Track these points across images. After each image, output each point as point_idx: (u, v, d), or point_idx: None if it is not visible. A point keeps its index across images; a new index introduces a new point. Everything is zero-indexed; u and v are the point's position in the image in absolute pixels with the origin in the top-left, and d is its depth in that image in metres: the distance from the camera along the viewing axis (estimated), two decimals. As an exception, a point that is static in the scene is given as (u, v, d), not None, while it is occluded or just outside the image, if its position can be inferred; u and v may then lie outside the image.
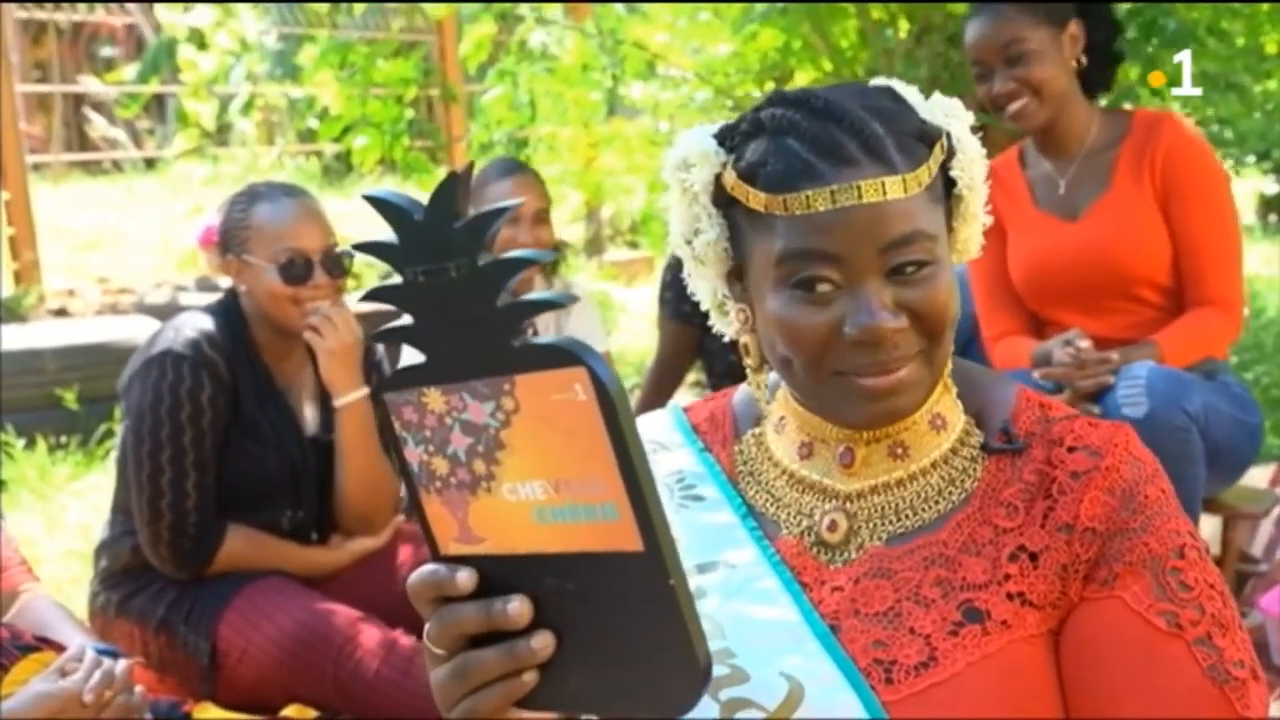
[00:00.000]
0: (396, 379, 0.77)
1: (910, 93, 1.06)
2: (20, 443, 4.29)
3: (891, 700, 0.97)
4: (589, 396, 0.70)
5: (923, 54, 3.99)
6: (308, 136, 8.81)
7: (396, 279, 0.76)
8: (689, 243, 1.09)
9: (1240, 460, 2.66)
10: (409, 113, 6.43)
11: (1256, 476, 3.32)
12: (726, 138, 1.06)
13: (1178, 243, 2.61)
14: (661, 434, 1.21)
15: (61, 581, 3.28)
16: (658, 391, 3.61)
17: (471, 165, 0.77)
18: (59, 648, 1.88)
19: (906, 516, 1.06)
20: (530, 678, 0.77)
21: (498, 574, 0.77)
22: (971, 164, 1.05)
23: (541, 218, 3.08)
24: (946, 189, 1.06)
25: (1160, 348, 2.54)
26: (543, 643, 0.76)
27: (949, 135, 1.04)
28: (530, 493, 0.74)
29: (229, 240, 2.42)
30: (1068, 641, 1.00)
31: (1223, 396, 2.56)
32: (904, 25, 4.20)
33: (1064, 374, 2.50)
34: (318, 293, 2.39)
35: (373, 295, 0.78)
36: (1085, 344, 2.52)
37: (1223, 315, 2.62)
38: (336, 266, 2.42)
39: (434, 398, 0.76)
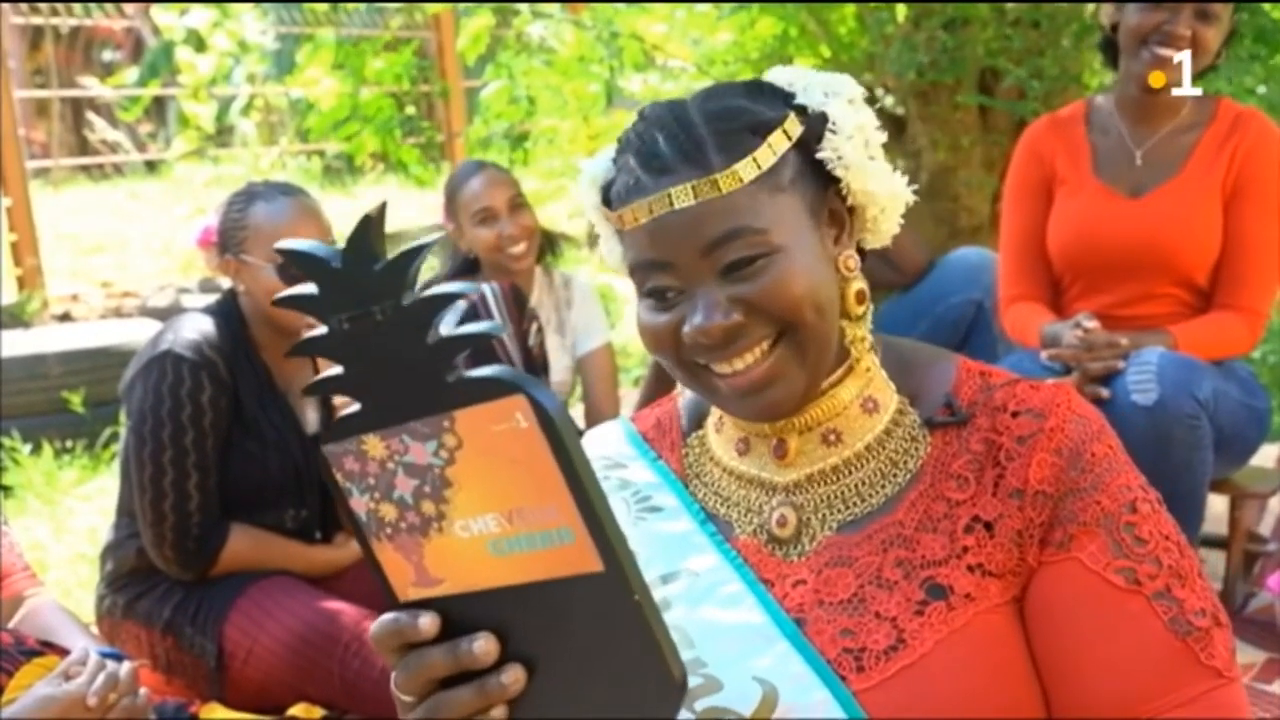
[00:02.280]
0: (333, 430, 0.76)
1: (796, 75, 1.07)
2: (26, 448, 4.29)
3: (865, 688, 0.97)
4: (530, 423, 0.69)
5: (920, 39, 3.97)
6: (308, 136, 8.81)
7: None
8: (609, 256, 1.12)
9: (1247, 445, 2.64)
10: (410, 109, 6.42)
11: (1265, 456, 3.30)
12: (615, 156, 1.08)
13: (1226, 241, 2.58)
14: (614, 448, 1.22)
15: (69, 585, 3.29)
16: (660, 382, 3.60)
17: (384, 206, 0.75)
18: (63, 652, 1.88)
19: (854, 503, 1.07)
20: (500, 713, 0.76)
21: (460, 613, 0.76)
22: (845, 142, 1.04)
23: (517, 203, 3.09)
24: (826, 172, 1.05)
25: (1175, 339, 2.52)
26: (513, 677, 0.75)
27: (824, 115, 1.04)
28: (483, 527, 0.73)
29: (227, 240, 2.42)
30: (1031, 607, 1.00)
31: (1231, 381, 2.54)
32: (901, 10, 4.19)
33: (1073, 356, 2.48)
34: None
35: (298, 350, 0.77)
36: (1093, 324, 2.50)
37: (1246, 325, 2.59)
38: None
39: (374, 444, 0.75)
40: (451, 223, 3.18)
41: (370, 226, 0.72)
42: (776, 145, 1.01)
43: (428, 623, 0.76)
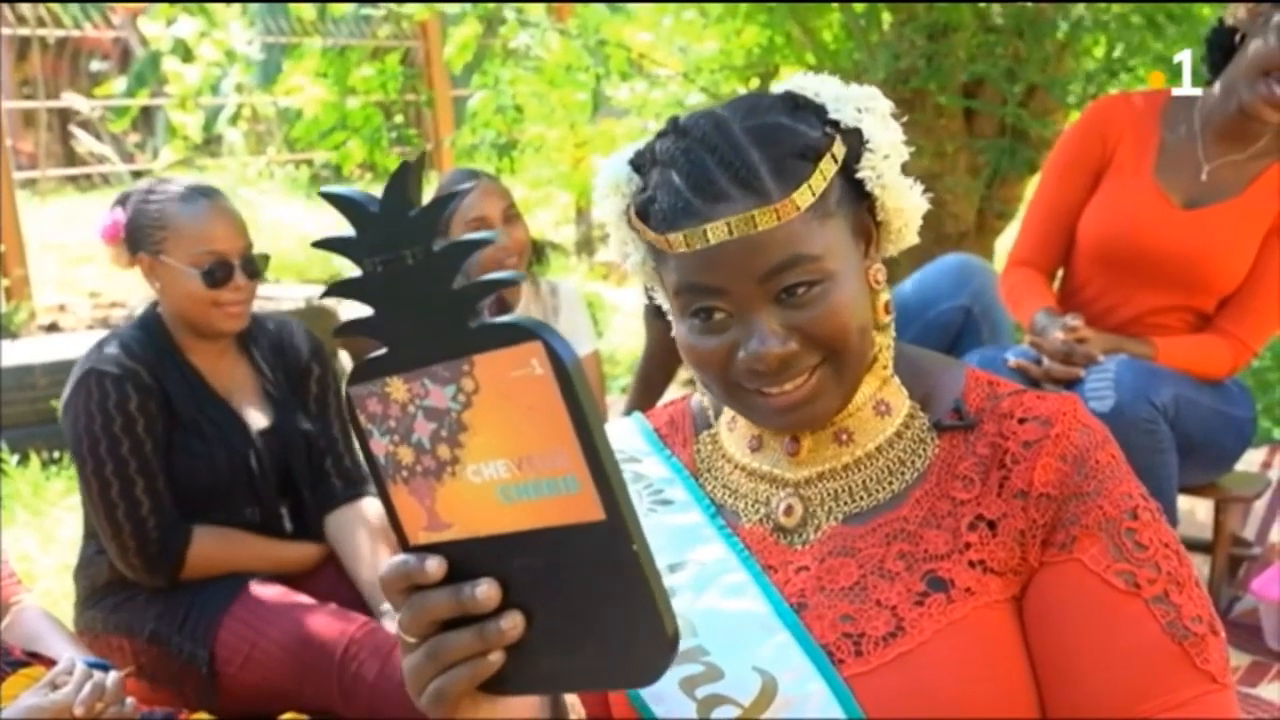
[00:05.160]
0: (360, 372, 0.78)
1: (825, 86, 1.07)
2: (14, 459, 4.28)
3: (862, 671, 1.00)
4: (545, 370, 0.71)
5: (904, 46, 3.99)
6: (296, 145, 8.80)
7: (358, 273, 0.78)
8: (626, 260, 1.13)
9: (1221, 452, 2.65)
10: (398, 118, 6.42)
11: (1249, 460, 3.32)
12: (640, 163, 1.09)
13: (1250, 269, 2.55)
14: (629, 443, 1.24)
15: (56, 596, 3.28)
16: (647, 390, 3.61)
17: (424, 155, 0.78)
18: (49, 662, 1.88)
19: (861, 497, 1.09)
20: (496, 657, 0.78)
21: (467, 558, 0.78)
22: (882, 160, 1.05)
23: (510, 215, 3.05)
24: (859, 189, 1.06)
25: (1156, 351, 2.53)
26: (511, 623, 0.77)
27: (859, 132, 1.04)
28: (494, 472, 0.75)
29: (140, 238, 2.40)
30: (1030, 606, 1.02)
31: (1203, 390, 2.54)
32: (886, 18, 4.21)
33: (1051, 352, 2.51)
34: (238, 294, 2.38)
35: (333, 290, 0.79)
36: (1078, 323, 2.51)
37: (1233, 353, 2.58)
38: (254, 267, 2.42)
39: (396, 386, 0.77)
40: (441, 233, 3.16)
41: (408, 174, 0.75)
42: (827, 171, 1.02)
43: (434, 565, 0.78)
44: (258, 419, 2.51)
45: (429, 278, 0.74)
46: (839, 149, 1.03)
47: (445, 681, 0.79)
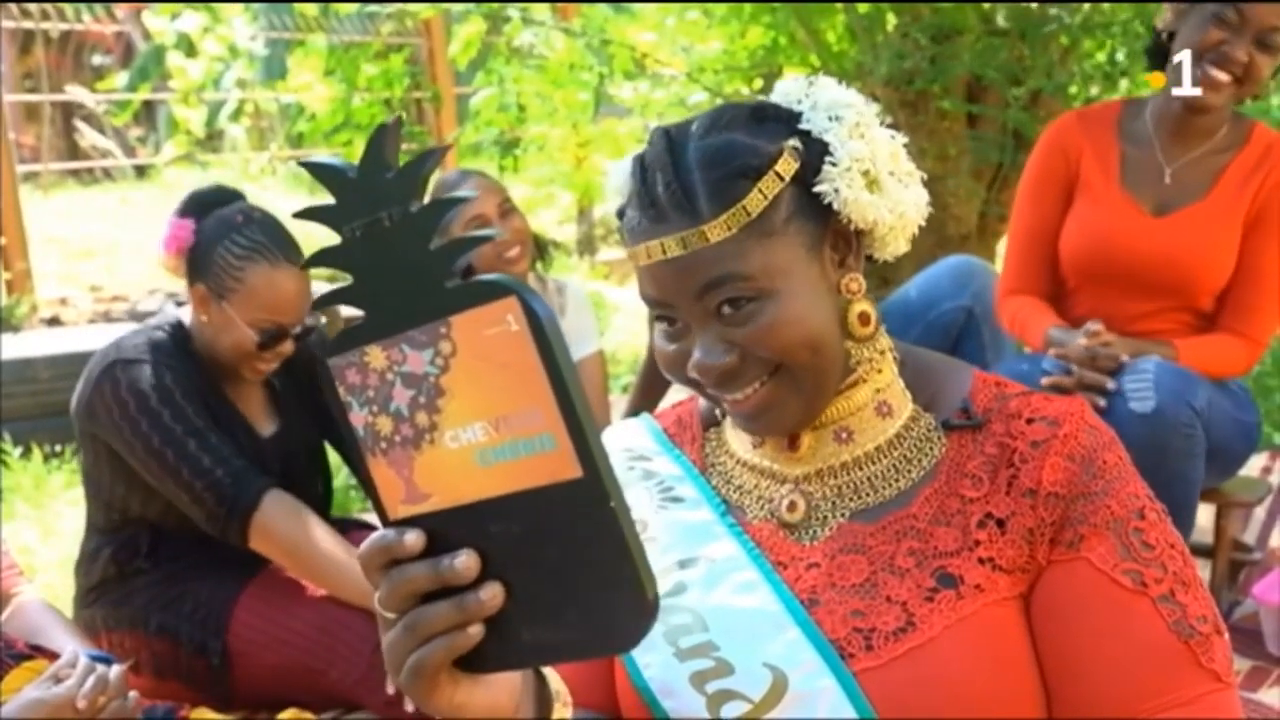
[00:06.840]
0: (339, 342, 0.78)
1: (802, 91, 1.08)
2: (16, 452, 4.28)
3: (873, 666, 1.01)
4: (521, 326, 0.70)
5: (908, 47, 3.99)
6: (299, 141, 8.80)
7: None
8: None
9: (1234, 458, 2.64)
10: (401, 115, 6.42)
11: (1250, 465, 3.32)
12: (632, 169, 1.10)
13: (1240, 268, 2.55)
14: (639, 442, 1.26)
15: (58, 590, 3.28)
16: (648, 390, 3.61)
17: (400, 119, 0.78)
18: (52, 655, 1.88)
19: (866, 493, 1.10)
20: (476, 630, 0.76)
21: (446, 530, 0.77)
22: (842, 175, 1.04)
23: (505, 209, 3.07)
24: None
25: (1177, 352, 2.51)
26: (490, 593, 0.75)
27: (825, 145, 1.04)
28: (471, 436, 0.74)
29: (209, 272, 2.35)
30: (1038, 604, 1.03)
31: (1223, 394, 2.54)
32: (890, 19, 4.21)
33: (1078, 358, 2.48)
34: (279, 356, 2.42)
35: (314, 260, 0.79)
36: (1098, 327, 2.49)
37: (1247, 352, 2.58)
38: (302, 333, 2.44)
39: (375, 355, 0.76)
40: (441, 235, 3.16)
41: (385, 137, 0.74)
42: (767, 190, 1.02)
43: (413, 538, 0.77)
44: (265, 427, 2.53)
45: (406, 238, 0.74)
46: (786, 165, 1.03)
47: (423, 655, 0.77)
